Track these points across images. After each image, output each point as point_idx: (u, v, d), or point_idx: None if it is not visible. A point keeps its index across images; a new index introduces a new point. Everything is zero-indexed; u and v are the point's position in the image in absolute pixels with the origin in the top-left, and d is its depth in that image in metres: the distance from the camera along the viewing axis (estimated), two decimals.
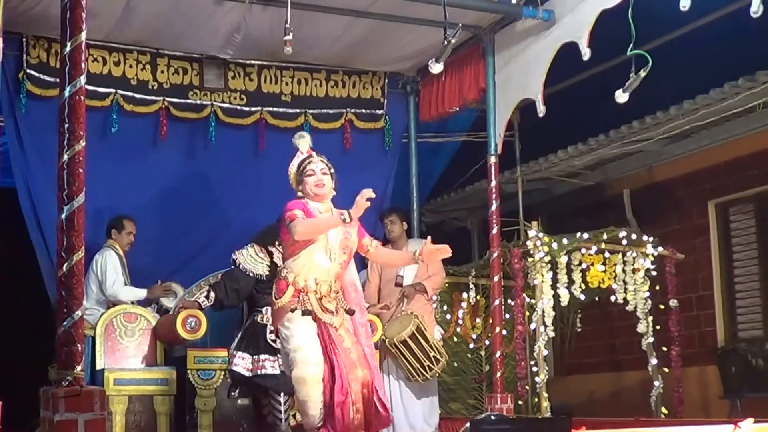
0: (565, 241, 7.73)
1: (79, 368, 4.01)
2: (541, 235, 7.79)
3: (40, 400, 4.21)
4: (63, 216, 4.09)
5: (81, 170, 4.12)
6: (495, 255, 7.60)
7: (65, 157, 4.12)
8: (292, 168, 5.21)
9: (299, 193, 5.15)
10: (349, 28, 7.79)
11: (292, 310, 4.94)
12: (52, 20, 6.04)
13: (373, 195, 4.90)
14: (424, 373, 7.13)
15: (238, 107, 8.29)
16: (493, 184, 7.64)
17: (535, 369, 7.79)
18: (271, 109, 8.39)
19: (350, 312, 5.10)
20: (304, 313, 4.93)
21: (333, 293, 5.05)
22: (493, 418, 6.41)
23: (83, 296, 4.11)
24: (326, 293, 5.01)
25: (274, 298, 5.06)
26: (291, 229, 4.87)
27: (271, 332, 6.43)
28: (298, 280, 4.99)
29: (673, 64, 7.84)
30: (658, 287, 8.16)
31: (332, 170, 5.19)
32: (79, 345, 4.02)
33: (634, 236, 8.04)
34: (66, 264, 4.05)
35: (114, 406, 6.31)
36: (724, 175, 8.86)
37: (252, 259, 6.61)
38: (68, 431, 3.89)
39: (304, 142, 5.26)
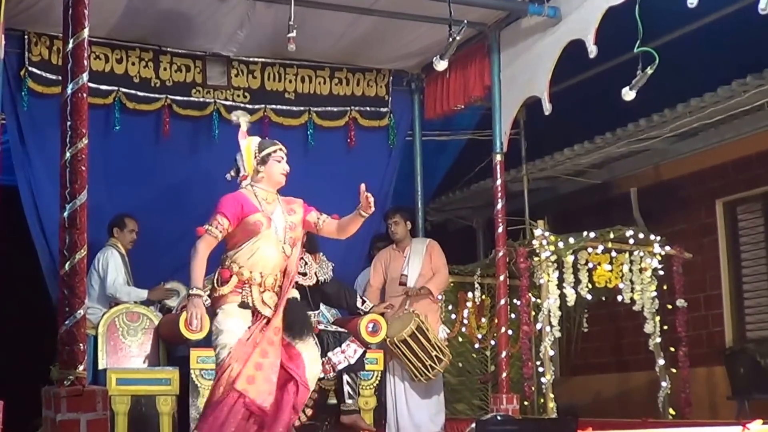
0: (571, 240, 7.73)
1: (81, 368, 4.02)
2: (547, 234, 7.80)
3: (42, 400, 4.21)
4: (65, 214, 4.10)
5: (83, 168, 4.14)
6: (500, 254, 7.60)
7: (68, 154, 4.13)
8: (252, 147, 5.19)
9: (259, 174, 5.12)
10: (354, 25, 7.80)
11: (244, 306, 4.92)
12: (55, 17, 6.05)
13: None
14: (427, 372, 7.13)
15: (242, 105, 8.27)
16: (499, 182, 7.64)
17: (541, 369, 7.79)
18: (274, 106, 8.40)
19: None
20: (242, 305, 4.92)
21: (277, 287, 5.04)
22: (499, 418, 6.41)
23: (85, 295, 4.11)
24: (271, 286, 5.01)
25: (216, 285, 5.00)
26: (195, 243, 4.93)
27: None
28: (243, 271, 4.97)
29: (681, 62, 7.83)
30: (665, 287, 8.16)
31: None
32: (81, 344, 4.03)
33: (641, 235, 8.04)
34: (68, 262, 4.06)
35: (116, 406, 6.31)
36: (731, 174, 8.85)
37: None
38: (70, 431, 3.90)
39: (245, 120, 5.36)
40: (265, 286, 5.01)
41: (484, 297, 8.38)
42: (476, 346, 8.40)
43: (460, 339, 8.33)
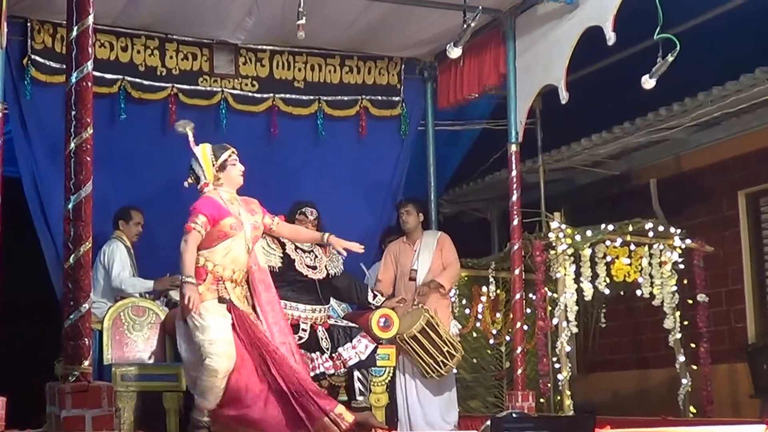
0: (588, 233, 7.72)
1: (86, 363, 4.04)
2: (563, 226, 7.78)
3: (46, 396, 4.23)
4: (70, 206, 4.12)
5: (88, 159, 4.15)
6: (516, 247, 7.59)
7: (72, 145, 4.14)
8: (208, 156, 5.68)
9: (219, 180, 5.64)
10: (365, 12, 7.79)
11: (222, 301, 5.45)
12: (58, 4, 6.06)
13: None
14: (438, 369, 7.13)
15: (250, 94, 8.31)
16: (514, 173, 7.63)
17: (557, 366, 7.79)
18: (283, 95, 8.41)
19: None
20: (221, 300, 5.45)
21: (244, 281, 5.64)
22: (514, 416, 6.41)
23: (90, 289, 4.13)
24: (239, 281, 5.59)
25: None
26: (183, 238, 5.40)
27: None
28: (217, 269, 5.49)
29: (702, 49, 7.81)
30: (685, 281, 8.14)
31: None
32: (86, 339, 4.05)
33: (660, 228, 8.01)
34: (73, 255, 4.08)
35: (122, 403, 6.32)
36: (754, 164, 8.82)
37: (263, 251, 6.63)
38: (75, 427, 3.93)
39: (190, 129, 5.81)
40: (236, 282, 5.57)
41: (498, 291, 8.38)
42: (491, 341, 8.41)
43: (475, 334, 8.34)
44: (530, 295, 7.98)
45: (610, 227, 7.79)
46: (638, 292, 8.01)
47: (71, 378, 4.00)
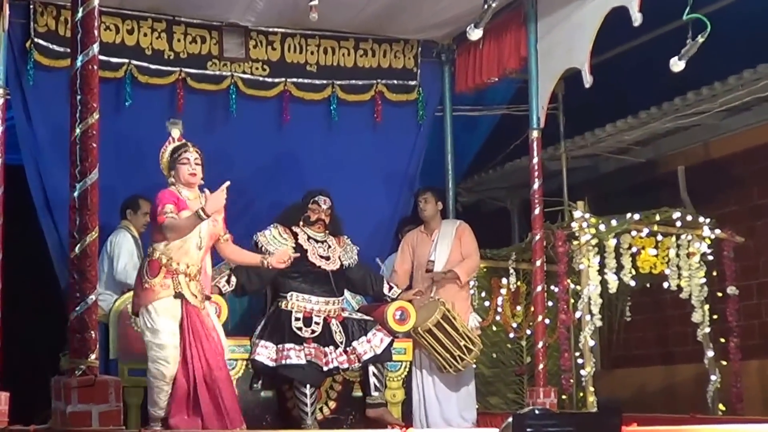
0: (613, 222, 7.70)
1: (93, 356, 4.03)
2: (587, 216, 7.77)
3: (51, 391, 4.24)
4: (75, 194, 4.11)
5: (94, 145, 4.14)
6: (537, 238, 7.56)
7: (78, 131, 4.13)
8: (166, 154, 5.91)
9: (170, 179, 5.85)
10: None
11: (177, 296, 5.62)
12: None
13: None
14: (455, 363, 7.13)
15: (261, 78, 8.30)
16: (536, 160, 7.60)
17: (580, 361, 7.78)
18: (295, 80, 8.40)
19: (207, 298, 5.89)
20: (177, 296, 5.62)
21: (198, 276, 5.78)
22: (537, 412, 6.39)
23: (97, 280, 4.13)
24: (194, 276, 5.74)
25: (146, 277, 5.64)
26: (165, 232, 5.61)
27: (296, 319, 6.46)
28: (171, 263, 5.66)
29: (733, 30, 7.74)
30: (715, 273, 8.12)
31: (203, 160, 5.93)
32: (92, 332, 4.04)
33: (689, 217, 8.00)
34: (78, 245, 4.07)
35: (129, 398, 6.33)
36: None
37: (275, 241, 6.64)
38: (82, 423, 3.93)
39: (176, 129, 5.98)
40: (190, 276, 5.71)
41: (519, 283, 8.37)
42: (511, 335, 8.41)
43: (494, 328, 8.34)
44: (552, 287, 7.96)
45: (636, 216, 7.77)
46: (665, 285, 8.00)
47: (77, 372, 4.00)
